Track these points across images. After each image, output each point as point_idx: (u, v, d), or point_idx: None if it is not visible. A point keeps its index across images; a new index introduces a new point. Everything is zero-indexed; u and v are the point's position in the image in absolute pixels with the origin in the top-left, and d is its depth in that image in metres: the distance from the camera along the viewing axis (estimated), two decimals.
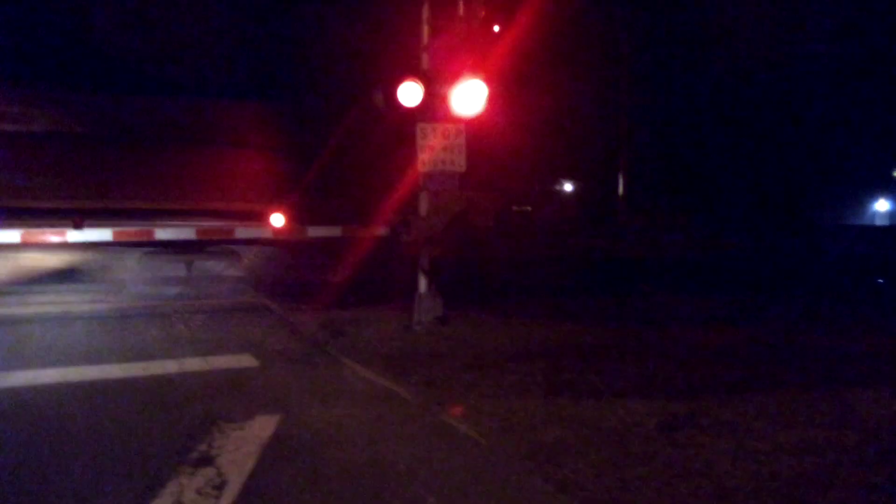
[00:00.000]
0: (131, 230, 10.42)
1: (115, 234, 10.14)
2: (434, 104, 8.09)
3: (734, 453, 4.01)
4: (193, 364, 6.28)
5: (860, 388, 5.26)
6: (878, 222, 31.99)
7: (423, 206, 8.23)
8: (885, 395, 5.06)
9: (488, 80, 7.92)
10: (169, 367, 6.18)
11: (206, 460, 3.93)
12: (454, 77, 7.91)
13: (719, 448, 4.09)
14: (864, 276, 14.39)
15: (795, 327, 8.19)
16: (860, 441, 4.18)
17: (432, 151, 8.08)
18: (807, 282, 14.12)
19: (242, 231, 11.50)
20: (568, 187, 35.08)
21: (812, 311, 9.68)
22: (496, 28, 8.73)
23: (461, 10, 8.13)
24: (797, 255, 20.05)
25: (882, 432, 4.34)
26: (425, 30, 8.29)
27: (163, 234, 10.66)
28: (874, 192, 31.82)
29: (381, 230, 11.84)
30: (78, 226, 9.73)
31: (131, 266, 10.87)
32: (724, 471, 3.78)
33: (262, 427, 4.46)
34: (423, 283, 8.21)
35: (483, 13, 8.30)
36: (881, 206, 32.83)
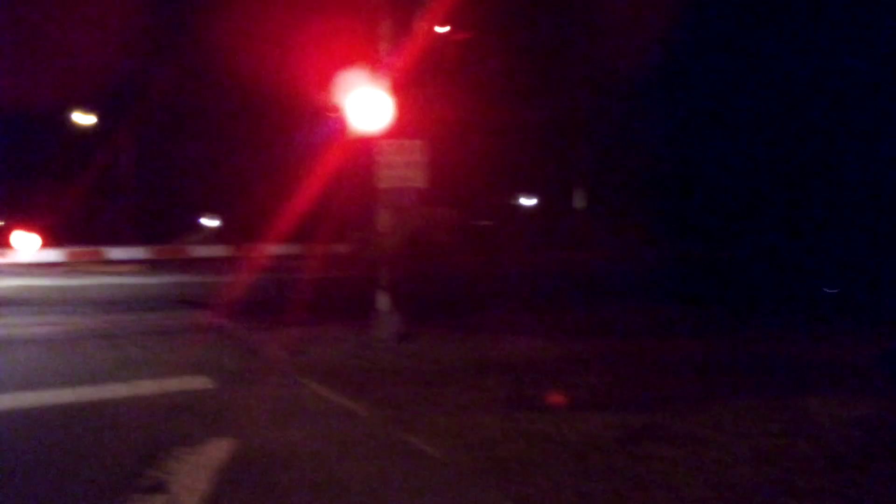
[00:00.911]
0: (82, 250, 10.16)
1: (69, 254, 9.89)
2: (394, 120, 8.09)
3: (691, 464, 4.05)
4: (145, 387, 6.12)
5: (811, 396, 5.37)
6: None
7: (383, 223, 8.20)
8: (833, 402, 5.18)
9: (448, 98, 7.96)
10: (120, 390, 6.01)
11: (159, 486, 3.82)
12: (414, 94, 7.93)
13: (676, 459, 4.13)
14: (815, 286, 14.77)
15: (747, 337, 8.35)
16: (811, 449, 4.26)
17: (392, 168, 8.07)
18: (762, 292, 14.45)
19: (199, 250, 11.31)
20: (528, 202, 35.42)
21: (762, 321, 9.90)
22: (454, 44, 8.80)
23: (420, 27, 8.17)
24: (754, 265, 20.52)
25: (832, 440, 4.43)
26: (384, 46, 8.30)
27: (116, 254, 10.43)
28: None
29: (340, 247, 11.77)
30: None
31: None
32: (681, 482, 3.81)
33: (217, 450, 4.35)
34: (382, 300, 8.16)
35: (442, 30, 8.36)
36: None
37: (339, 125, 8.35)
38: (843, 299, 12.95)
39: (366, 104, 7.91)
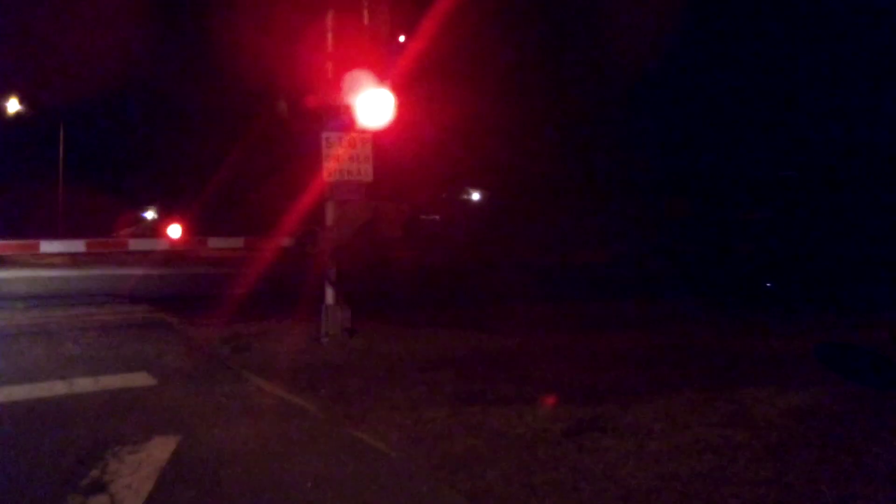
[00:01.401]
0: (14, 243, 9.76)
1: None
2: (340, 114, 8.00)
3: (636, 455, 4.14)
4: (84, 384, 5.92)
5: (750, 387, 5.55)
6: None
7: (330, 217, 8.12)
8: (770, 392, 5.37)
9: (394, 90, 7.91)
10: (57, 388, 5.80)
11: (99, 487, 3.70)
12: (360, 86, 7.86)
13: (622, 450, 4.22)
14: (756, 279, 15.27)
15: (687, 330, 8.58)
16: (751, 438, 4.41)
17: (338, 161, 7.98)
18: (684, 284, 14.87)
19: (137, 243, 10.99)
20: (475, 196, 35.59)
21: (691, 314, 10.19)
22: (401, 38, 8.74)
23: (366, 18, 8.09)
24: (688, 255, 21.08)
25: (769, 428, 4.59)
26: (330, 38, 8.19)
27: (50, 247, 10.05)
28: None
29: (286, 241, 11.59)
30: None
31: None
32: (626, 472, 3.89)
33: (160, 449, 4.24)
34: (330, 295, 8.08)
35: (388, 22, 8.29)
36: None
37: (283, 115, 8.21)
38: (782, 293, 13.43)
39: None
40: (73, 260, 20.92)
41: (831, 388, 5.56)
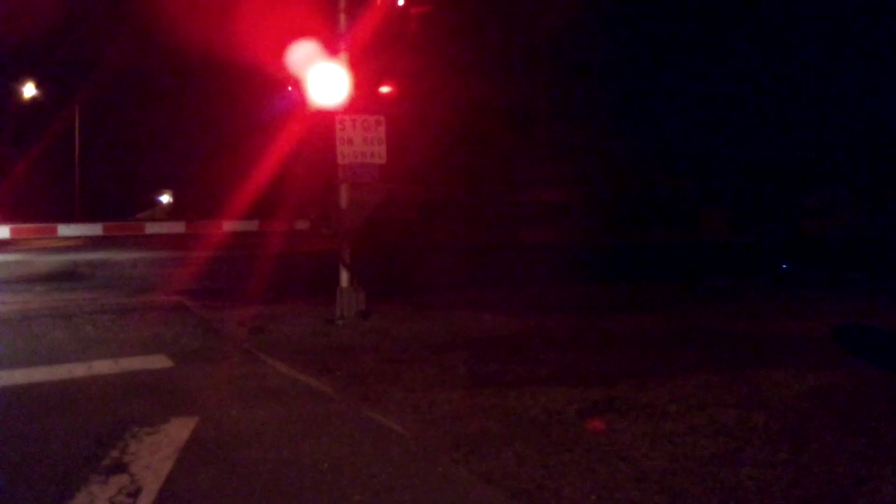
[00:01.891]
0: (32, 227, 9.84)
1: (12, 230, 9.56)
2: (354, 96, 7.98)
3: (651, 436, 4.14)
4: (103, 366, 5.99)
5: (765, 369, 5.53)
6: None
7: (344, 199, 8.12)
8: (787, 374, 5.34)
9: (408, 72, 7.87)
10: (77, 370, 5.88)
11: (120, 467, 3.76)
12: (373, 68, 7.82)
13: (637, 432, 4.22)
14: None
15: (706, 313, 8.54)
16: (767, 419, 4.39)
17: (352, 144, 7.97)
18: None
19: (154, 226, 11.06)
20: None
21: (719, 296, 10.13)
22: (414, 17, 8.69)
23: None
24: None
25: (786, 410, 4.57)
26: (342, 19, 8.16)
27: (67, 230, 10.13)
28: None
29: (300, 224, 11.62)
30: None
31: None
32: (641, 453, 3.89)
33: (179, 430, 4.30)
34: (344, 277, 8.11)
35: (401, 2, 8.24)
36: None
37: (298, 99, 8.18)
38: (798, 275, 13.32)
39: (324, 78, 7.78)
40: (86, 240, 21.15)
41: (848, 370, 5.52)
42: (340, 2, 8.14)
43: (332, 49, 8.01)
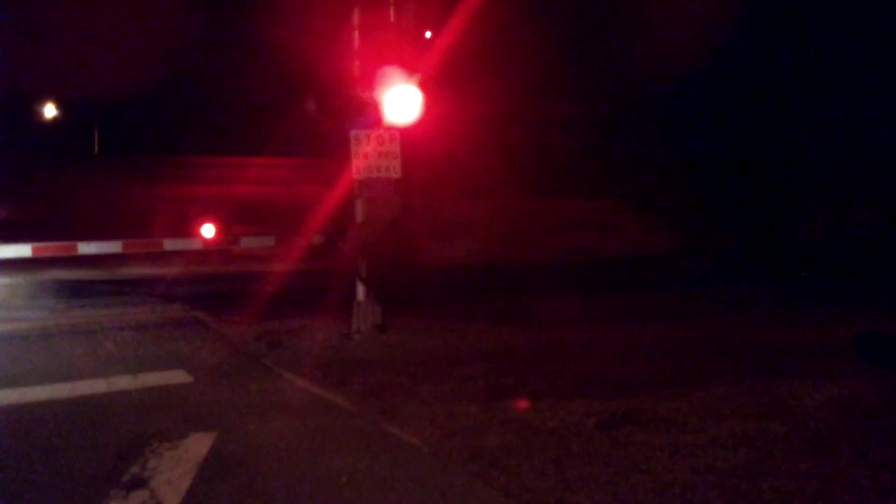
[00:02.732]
0: (52, 245, 9.97)
1: (34, 249, 9.69)
2: (367, 110, 8.04)
3: (671, 448, 4.10)
4: (123, 382, 6.04)
5: (786, 379, 5.47)
6: None
7: (359, 214, 8.16)
8: (808, 385, 5.28)
9: (422, 86, 7.92)
10: (97, 386, 5.93)
11: (139, 482, 3.78)
12: (387, 82, 7.88)
13: (656, 444, 4.18)
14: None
15: (724, 322, 8.48)
16: (788, 431, 4.34)
17: (367, 158, 8.02)
18: None
19: (172, 243, 11.17)
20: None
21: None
22: (427, 34, 8.75)
23: (392, 15, 8.11)
24: None
25: (807, 421, 4.52)
26: (357, 34, 8.23)
27: (87, 248, 10.24)
28: None
29: (316, 238, 11.69)
30: None
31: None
32: (662, 466, 3.86)
33: (198, 445, 4.32)
34: (360, 291, 8.14)
35: (414, 18, 8.30)
36: None
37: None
38: (822, 283, 13.18)
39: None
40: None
41: (871, 381, 5.44)
42: (355, 18, 8.22)
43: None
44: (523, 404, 5.06)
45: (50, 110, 32.10)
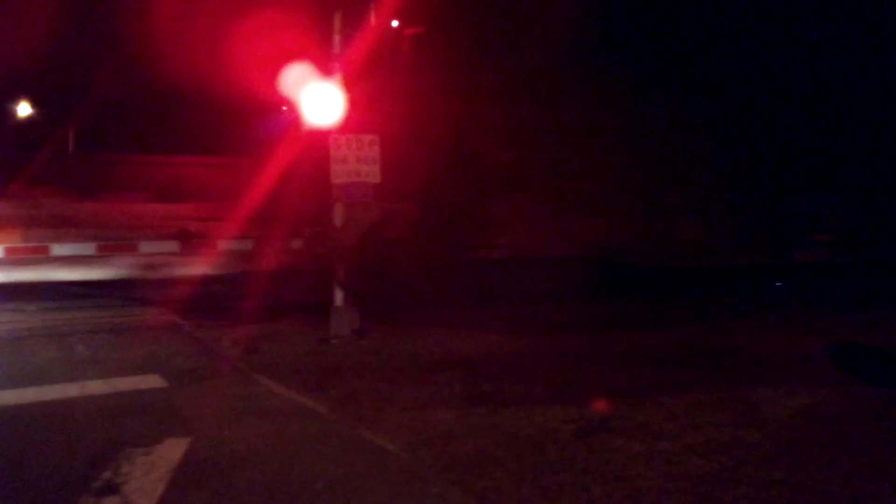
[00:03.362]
0: (24, 246, 9.81)
1: (6, 250, 9.53)
2: (347, 115, 8.03)
3: (646, 455, 4.13)
4: (95, 387, 5.95)
5: (760, 387, 5.53)
6: None
7: (338, 218, 8.14)
8: (781, 393, 5.34)
9: (401, 91, 7.93)
10: (69, 390, 5.84)
11: (111, 489, 3.72)
12: (366, 87, 7.87)
13: (632, 451, 4.21)
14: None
15: (698, 331, 8.56)
16: (762, 438, 4.39)
17: (346, 163, 8.00)
18: None
19: (147, 245, 11.05)
20: None
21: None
22: (407, 37, 8.76)
23: (373, 20, 8.12)
24: None
25: (781, 429, 4.57)
26: (337, 40, 8.22)
27: (61, 250, 10.09)
28: None
29: (295, 243, 11.63)
30: None
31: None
32: (637, 473, 3.88)
33: (172, 450, 4.27)
34: (338, 296, 8.10)
35: (395, 23, 8.31)
36: None
37: (292, 119, 8.22)
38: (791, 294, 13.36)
39: (318, 98, 7.83)
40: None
41: (842, 389, 5.52)
42: (335, 23, 8.21)
43: (326, 70, 8.06)
44: (500, 411, 5.06)
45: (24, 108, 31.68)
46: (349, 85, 8.13)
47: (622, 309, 11.04)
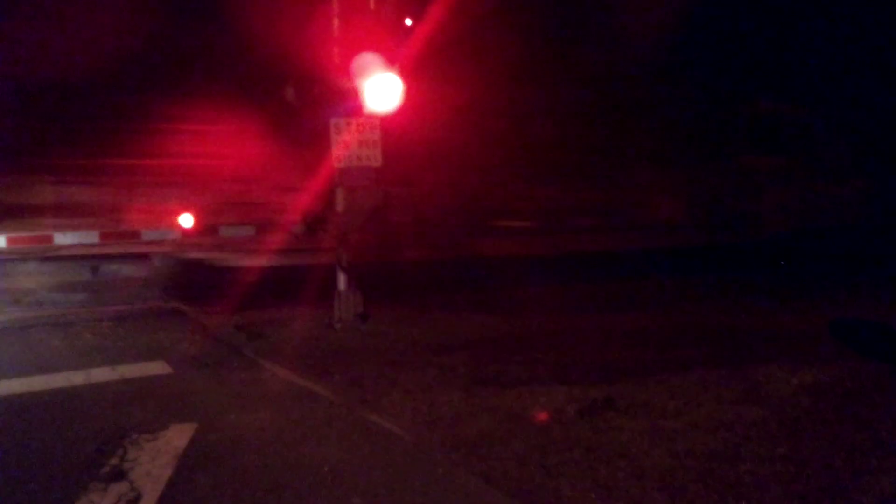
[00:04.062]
0: (27, 236, 9.82)
1: (8, 240, 9.54)
2: (347, 99, 7.98)
3: (650, 434, 4.15)
4: (102, 374, 5.99)
5: (764, 364, 5.53)
6: None
7: (340, 203, 8.12)
8: (785, 370, 5.35)
9: (402, 74, 7.88)
10: (75, 378, 5.87)
11: (119, 474, 3.76)
12: (367, 71, 7.83)
13: (636, 429, 4.22)
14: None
15: (700, 309, 8.56)
16: (765, 415, 4.40)
17: (347, 146, 7.97)
18: None
19: (149, 234, 11.05)
20: None
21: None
22: (408, 21, 8.70)
23: (372, 2, 8.05)
24: None
25: (783, 406, 4.58)
26: (336, 23, 8.16)
27: (63, 238, 10.10)
28: None
29: (297, 228, 11.61)
30: None
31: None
32: (641, 451, 3.90)
33: (178, 436, 4.30)
34: (342, 280, 8.10)
35: (394, 5, 8.25)
36: None
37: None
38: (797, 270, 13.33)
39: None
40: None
41: (846, 365, 5.52)
42: (334, 5, 8.14)
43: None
44: (504, 392, 5.07)
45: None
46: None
47: (619, 288, 11.03)
